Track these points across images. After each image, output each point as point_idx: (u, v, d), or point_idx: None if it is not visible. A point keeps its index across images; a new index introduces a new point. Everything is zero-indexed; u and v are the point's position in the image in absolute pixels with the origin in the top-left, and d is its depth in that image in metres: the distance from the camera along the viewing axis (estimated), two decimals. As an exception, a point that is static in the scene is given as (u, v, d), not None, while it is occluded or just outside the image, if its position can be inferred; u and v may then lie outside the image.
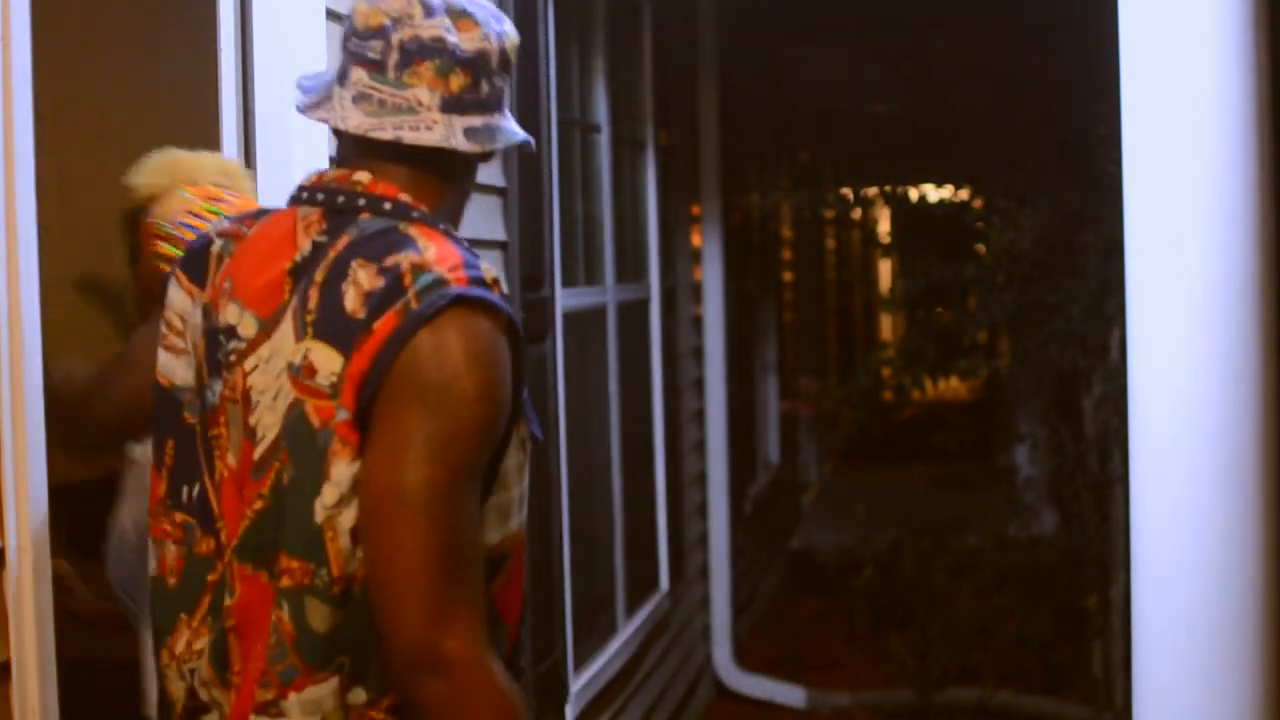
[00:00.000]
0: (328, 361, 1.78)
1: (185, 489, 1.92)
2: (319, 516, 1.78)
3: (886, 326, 19.51)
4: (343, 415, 1.76)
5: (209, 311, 1.92)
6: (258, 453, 1.83)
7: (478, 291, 1.79)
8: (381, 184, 1.88)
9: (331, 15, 3.12)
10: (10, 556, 2.06)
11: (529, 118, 4.27)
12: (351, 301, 1.78)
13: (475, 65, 1.93)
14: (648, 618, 5.87)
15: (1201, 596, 2.82)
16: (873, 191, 7.37)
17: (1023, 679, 6.88)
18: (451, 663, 1.72)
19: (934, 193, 7.33)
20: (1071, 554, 6.46)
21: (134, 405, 2.26)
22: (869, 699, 6.96)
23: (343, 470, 1.77)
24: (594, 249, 5.53)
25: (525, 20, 4.27)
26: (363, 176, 1.89)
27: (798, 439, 10.58)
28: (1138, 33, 2.86)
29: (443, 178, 1.92)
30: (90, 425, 2.37)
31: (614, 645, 5.39)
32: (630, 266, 5.99)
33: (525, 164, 4.23)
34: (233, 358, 1.88)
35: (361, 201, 1.87)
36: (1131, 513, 2.92)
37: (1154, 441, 2.86)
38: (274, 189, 3.04)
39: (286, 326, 1.83)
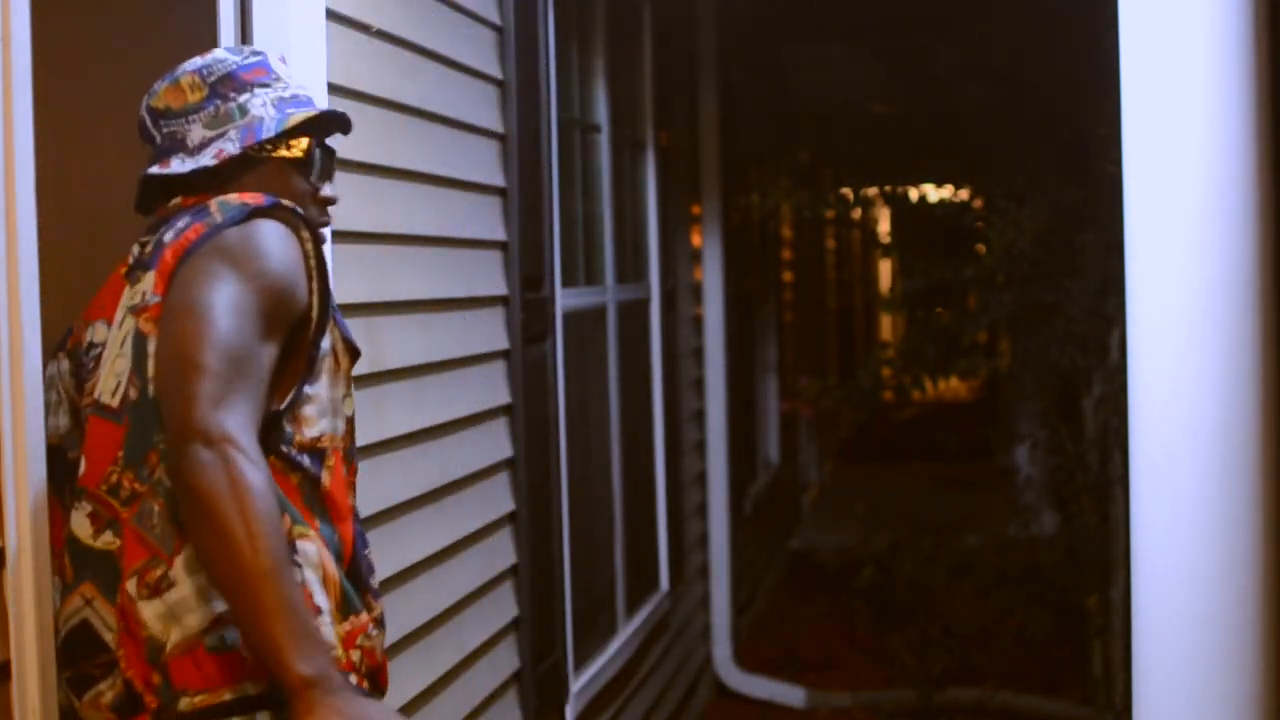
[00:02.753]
0: (148, 281, 2.02)
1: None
2: (154, 399, 1.96)
3: (886, 326, 19.52)
4: (152, 299, 1.99)
5: (72, 352, 2.16)
6: (115, 399, 2.01)
7: (270, 201, 2.05)
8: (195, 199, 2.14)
9: (332, 15, 3.12)
10: (10, 556, 2.06)
11: (529, 118, 4.27)
12: (170, 237, 2.04)
13: (141, 132, 2.21)
14: (648, 618, 5.87)
15: (1202, 596, 2.82)
16: (873, 191, 7.37)
17: (1023, 679, 6.88)
18: (224, 437, 1.82)
19: (934, 193, 7.33)
20: (1071, 554, 6.46)
21: None
22: (869, 699, 6.96)
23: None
24: (594, 249, 5.53)
25: (525, 20, 4.27)
26: (176, 201, 2.15)
27: (798, 439, 10.58)
28: (1137, 33, 2.86)
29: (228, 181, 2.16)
30: None
31: (614, 645, 5.39)
32: (630, 266, 5.99)
33: (525, 164, 4.23)
34: (92, 364, 2.09)
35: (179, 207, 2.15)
36: (1131, 513, 2.92)
37: (1154, 441, 2.86)
38: (274, 189, 3.04)
39: (125, 297, 2.07)
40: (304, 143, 2.18)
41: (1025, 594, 6.68)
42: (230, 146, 2.12)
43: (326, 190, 2.23)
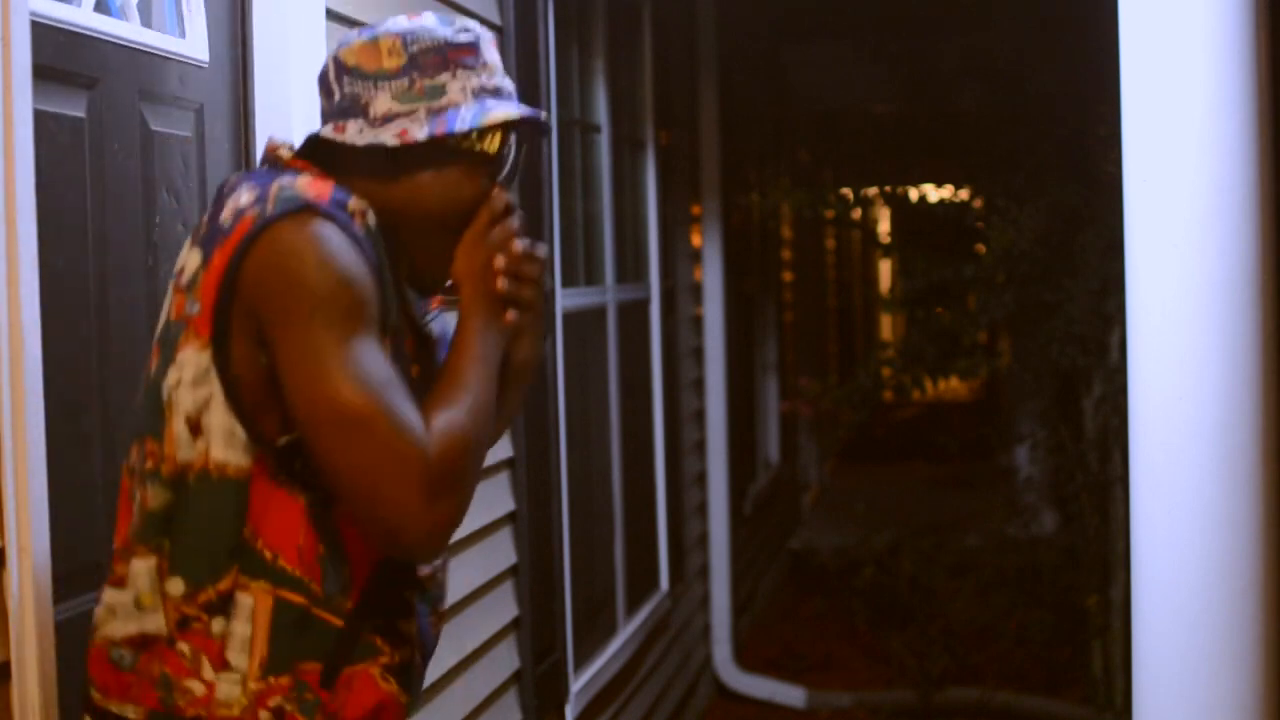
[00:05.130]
0: (191, 263, 1.88)
1: None
2: (165, 399, 1.87)
3: (886, 326, 19.52)
4: (194, 308, 1.85)
5: None
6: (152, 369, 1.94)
7: (329, 208, 1.86)
8: (297, 162, 1.98)
9: (332, 15, 3.13)
10: (10, 556, 2.06)
11: (529, 118, 4.27)
12: (225, 213, 1.88)
13: (321, 82, 2.01)
14: (648, 618, 5.87)
15: (1201, 596, 2.82)
16: (873, 191, 7.37)
17: (1023, 679, 6.88)
18: (452, 490, 1.80)
19: (934, 193, 7.33)
20: (1071, 554, 6.46)
21: None
22: (869, 699, 6.96)
23: (188, 356, 1.85)
24: (594, 249, 5.53)
25: (525, 20, 4.27)
26: (284, 153, 2.00)
27: (798, 439, 10.58)
28: (1138, 33, 2.86)
29: (346, 176, 1.97)
30: None
31: (614, 645, 5.39)
32: (630, 266, 6.00)
33: (525, 164, 4.23)
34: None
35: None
36: (1131, 513, 2.92)
37: (1154, 441, 2.86)
38: (274, 189, 3.04)
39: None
40: (496, 139, 1.98)
41: (1025, 594, 6.68)
42: (417, 130, 1.91)
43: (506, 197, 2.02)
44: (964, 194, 7.28)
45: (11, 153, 2.06)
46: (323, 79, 1.98)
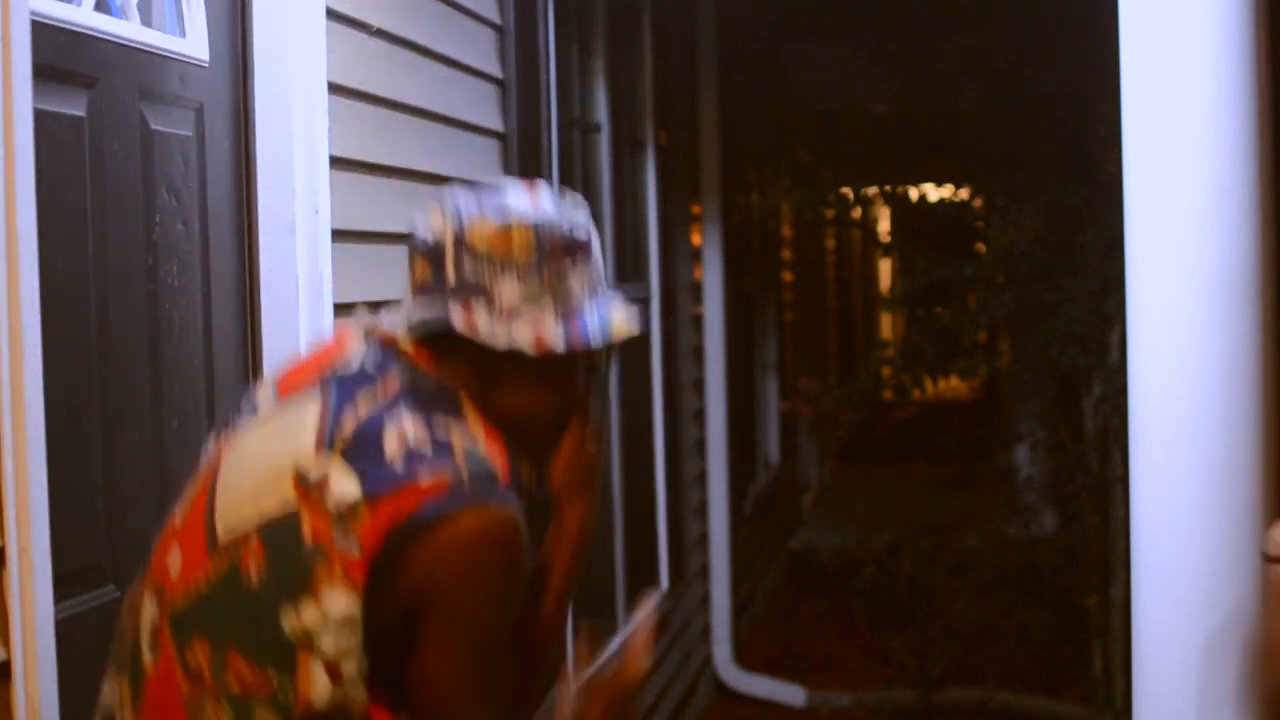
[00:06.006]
0: (346, 488, 1.74)
1: None
2: (289, 629, 1.74)
3: (886, 326, 19.52)
4: (351, 549, 1.72)
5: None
6: (220, 530, 1.80)
7: (512, 492, 1.79)
8: (422, 358, 1.86)
9: (331, 14, 3.13)
10: (10, 556, 2.06)
11: (529, 118, 4.27)
12: (392, 451, 1.76)
13: (433, 253, 1.85)
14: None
15: (1201, 596, 2.82)
16: (873, 191, 7.37)
17: (1023, 679, 6.88)
18: None
19: (934, 192, 7.33)
20: (1071, 554, 6.45)
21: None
22: (869, 699, 6.96)
23: (337, 600, 1.73)
24: (594, 249, 5.52)
25: (525, 20, 4.27)
26: (404, 344, 1.87)
27: (798, 439, 10.58)
28: (1138, 33, 2.86)
29: (459, 365, 1.87)
30: None
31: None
32: (630, 266, 5.99)
33: (525, 163, 4.23)
34: (239, 419, 1.90)
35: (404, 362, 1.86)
36: (1131, 513, 2.92)
37: (1154, 441, 2.86)
38: (273, 188, 3.04)
39: (307, 425, 1.81)
40: (602, 350, 1.90)
41: (1025, 594, 6.68)
42: (553, 339, 1.82)
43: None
44: (964, 194, 7.28)
45: (11, 153, 2.06)
46: (433, 250, 1.84)
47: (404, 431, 1.77)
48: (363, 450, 1.76)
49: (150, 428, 2.69)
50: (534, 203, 1.86)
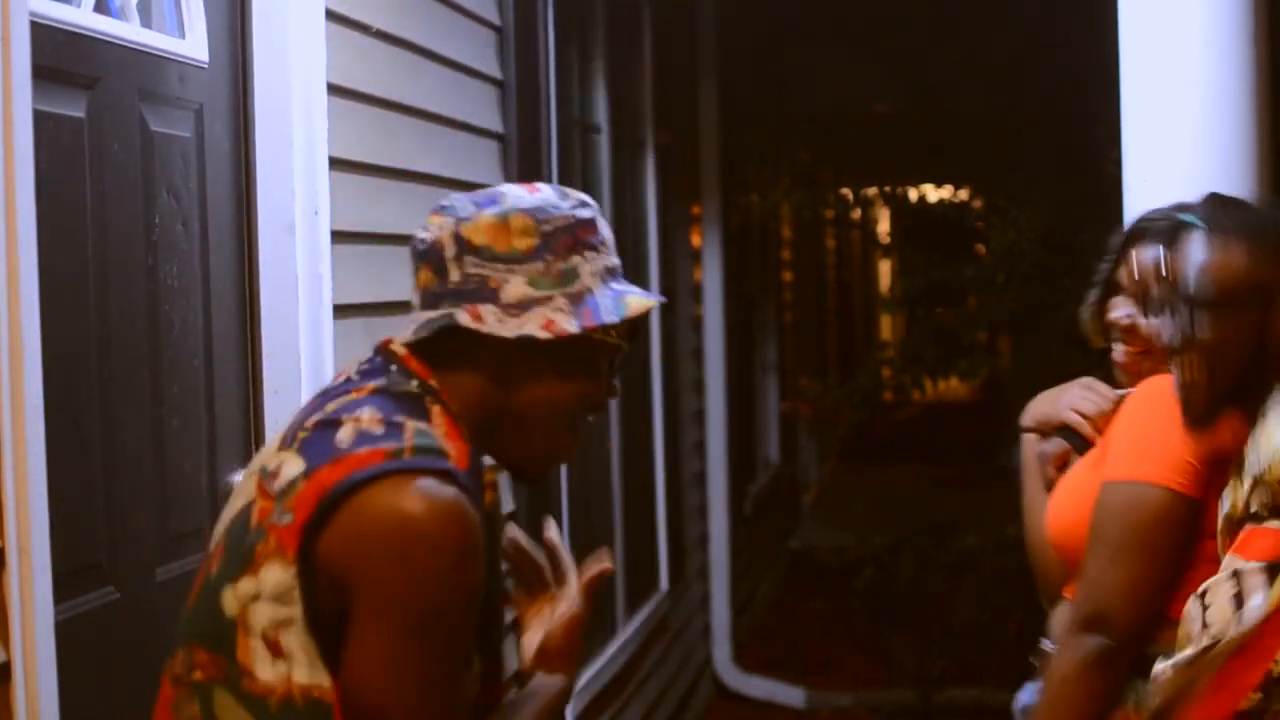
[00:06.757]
0: (289, 468, 1.72)
1: None
2: (227, 606, 1.71)
3: (886, 326, 19.51)
4: (283, 519, 1.69)
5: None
6: (210, 546, 1.80)
7: (468, 479, 1.73)
8: (414, 361, 1.83)
9: (331, 15, 3.13)
10: (10, 556, 2.06)
11: (529, 119, 4.27)
12: (343, 435, 1.73)
13: (433, 255, 1.81)
14: (648, 618, 5.87)
15: (1201, 596, 2.81)
16: (873, 191, 7.37)
17: (1023, 679, 6.86)
18: None
19: (934, 193, 7.34)
20: (1071, 554, 6.44)
21: None
22: (869, 699, 6.96)
23: (272, 571, 1.69)
24: (594, 249, 5.52)
25: (525, 20, 4.27)
26: (399, 348, 1.84)
27: (798, 439, 10.58)
28: (1137, 33, 2.86)
29: (471, 368, 1.82)
30: None
31: (614, 645, 5.39)
32: (630, 266, 6.00)
33: (525, 164, 4.23)
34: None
35: (393, 367, 1.83)
36: (1131, 513, 2.91)
37: (1154, 441, 2.85)
38: (273, 189, 3.04)
39: (282, 432, 1.80)
40: (622, 329, 1.84)
41: (1025, 594, 6.67)
42: (565, 321, 1.76)
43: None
44: (964, 194, 7.29)
45: (11, 153, 2.07)
46: (433, 254, 1.80)
47: (359, 419, 1.73)
48: (317, 439, 1.73)
49: (150, 428, 2.69)
50: (527, 190, 1.83)
